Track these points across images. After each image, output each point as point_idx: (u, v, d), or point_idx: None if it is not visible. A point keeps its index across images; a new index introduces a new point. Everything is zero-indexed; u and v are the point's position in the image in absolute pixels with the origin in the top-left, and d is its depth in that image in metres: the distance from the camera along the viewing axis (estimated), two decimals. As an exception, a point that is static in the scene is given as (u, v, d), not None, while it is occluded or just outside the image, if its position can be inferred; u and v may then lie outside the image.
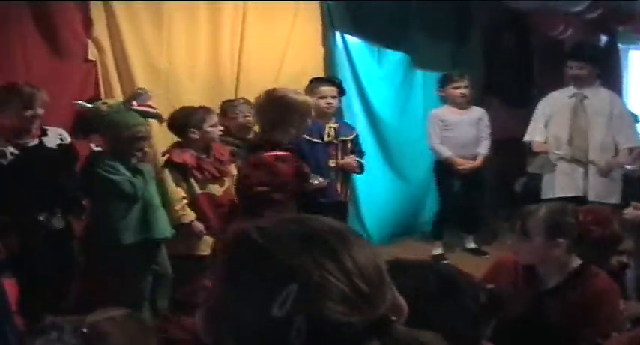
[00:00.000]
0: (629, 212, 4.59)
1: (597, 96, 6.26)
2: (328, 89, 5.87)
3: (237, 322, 1.15)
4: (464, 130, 6.57)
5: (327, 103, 5.82)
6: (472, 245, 6.88)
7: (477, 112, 6.77)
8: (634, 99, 9.67)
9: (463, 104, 6.66)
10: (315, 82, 5.94)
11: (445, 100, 6.68)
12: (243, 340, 1.15)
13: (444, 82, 6.70)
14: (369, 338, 1.10)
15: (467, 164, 6.59)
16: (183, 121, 5.08)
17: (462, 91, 6.60)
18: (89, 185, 4.70)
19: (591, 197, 6.21)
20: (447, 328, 1.70)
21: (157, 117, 4.87)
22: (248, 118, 5.63)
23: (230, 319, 1.16)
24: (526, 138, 6.49)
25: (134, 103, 4.67)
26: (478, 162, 6.66)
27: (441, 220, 6.87)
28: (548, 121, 6.39)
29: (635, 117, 8.77)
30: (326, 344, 1.09)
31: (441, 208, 6.89)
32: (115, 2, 5.40)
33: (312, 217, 1.23)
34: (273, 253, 1.14)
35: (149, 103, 4.76)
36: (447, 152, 6.55)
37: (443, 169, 6.66)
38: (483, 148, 6.72)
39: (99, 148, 4.72)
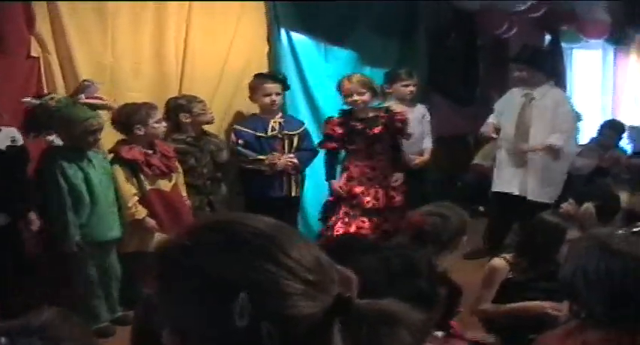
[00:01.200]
0: (564, 207, 4.85)
1: (545, 97, 6.53)
2: (272, 86, 6.03)
3: (206, 340, 1.21)
4: (411, 126, 6.61)
5: (271, 100, 5.97)
6: None
7: (421, 108, 6.97)
8: (578, 97, 9.98)
9: (409, 102, 6.81)
10: (259, 78, 6.09)
11: (390, 97, 6.79)
12: None
13: (391, 79, 6.84)
14: (333, 321, 1.19)
15: (417, 159, 6.74)
16: (127, 118, 5.17)
17: (411, 88, 6.77)
18: (44, 185, 4.79)
19: (529, 195, 6.50)
20: None
21: (107, 108, 4.98)
22: (200, 117, 5.76)
23: (197, 338, 1.22)
24: (481, 129, 6.91)
25: (82, 96, 4.75)
26: (427, 156, 6.85)
27: None
28: (500, 116, 6.76)
29: (578, 116, 9.08)
30: (297, 339, 1.18)
31: None
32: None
33: (234, 221, 1.28)
34: (204, 269, 1.20)
35: (97, 94, 4.85)
36: None
37: None
38: (428, 143, 6.92)
39: (54, 141, 4.82)
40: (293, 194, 6.19)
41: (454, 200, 4.14)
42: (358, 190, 6.08)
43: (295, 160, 6.06)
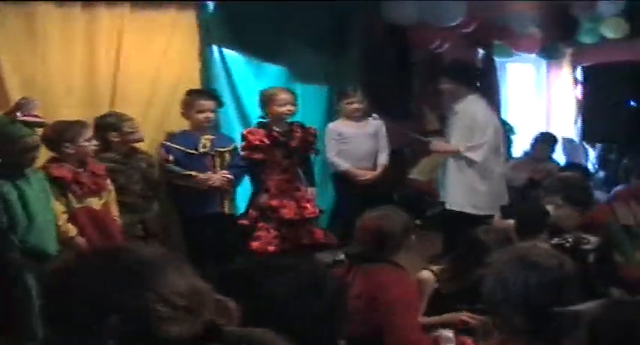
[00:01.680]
0: (494, 222, 4.94)
1: (464, 110, 6.69)
2: (207, 103, 6.08)
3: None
4: (361, 142, 6.84)
5: (205, 117, 6.03)
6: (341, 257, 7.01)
7: (374, 124, 7.02)
8: (512, 111, 10.19)
9: (358, 117, 6.91)
10: (193, 95, 6.12)
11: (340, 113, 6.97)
12: None
13: (338, 96, 7.02)
14: (202, 344, 1.29)
15: (367, 174, 6.85)
16: (57, 136, 5.15)
17: (356, 105, 6.86)
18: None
19: (448, 205, 6.72)
20: (309, 326, 1.90)
21: (43, 125, 4.97)
22: (129, 136, 5.77)
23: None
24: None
25: (18, 114, 4.75)
26: (378, 171, 6.94)
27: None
28: None
29: (511, 129, 9.27)
30: None
31: (339, 218, 7.05)
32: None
33: (121, 248, 1.43)
34: (82, 290, 1.30)
35: (34, 112, 4.85)
36: (344, 164, 6.79)
37: (342, 180, 6.89)
38: (383, 159, 7.00)
39: None
40: (227, 211, 6.24)
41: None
42: (275, 203, 6.21)
43: (230, 176, 6.11)
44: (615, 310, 1.70)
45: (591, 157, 9.59)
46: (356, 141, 6.84)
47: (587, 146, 9.71)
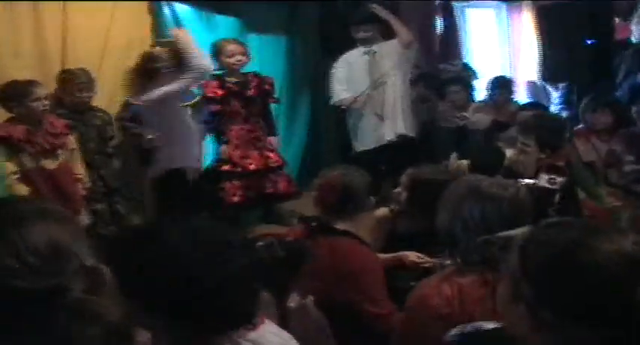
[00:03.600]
0: (450, 163, 4.95)
1: (384, 47, 6.96)
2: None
3: None
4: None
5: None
6: None
7: None
8: (475, 56, 10.20)
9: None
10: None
11: None
12: None
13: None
14: (47, 304, 1.32)
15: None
16: (7, 95, 5.17)
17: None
18: None
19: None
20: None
21: None
22: (89, 95, 5.82)
23: None
24: (334, 100, 7.07)
25: None
26: None
27: None
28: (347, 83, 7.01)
29: (474, 73, 9.29)
30: (13, 310, 1.32)
31: None
32: None
33: (5, 202, 1.51)
34: None
35: None
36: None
37: None
38: None
39: None
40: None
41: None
42: (238, 153, 6.31)
43: None
44: (544, 230, 1.70)
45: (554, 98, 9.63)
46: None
47: (549, 87, 9.75)
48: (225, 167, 6.35)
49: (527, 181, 4.31)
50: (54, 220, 1.42)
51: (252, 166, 6.36)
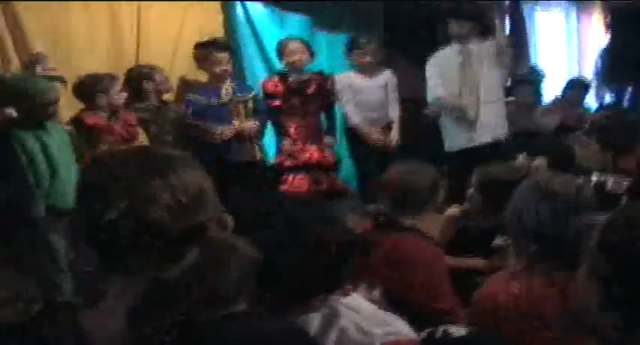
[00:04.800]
0: (518, 161, 4.89)
1: (481, 46, 6.65)
2: (222, 55, 6.13)
3: (87, 224, 1.49)
4: (373, 93, 6.83)
5: (222, 70, 6.13)
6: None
7: (385, 75, 6.98)
8: (543, 59, 10.11)
9: (369, 69, 6.89)
10: (206, 48, 6.18)
11: (352, 64, 6.91)
12: (90, 239, 1.49)
13: (350, 47, 6.91)
14: (187, 241, 1.45)
15: (379, 136, 6.84)
16: (90, 87, 5.28)
17: (368, 58, 6.80)
18: (2, 159, 4.82)
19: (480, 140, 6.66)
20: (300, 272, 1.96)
21: (61, 79, 5.04)
22: (161, 86, 5.95)
23: (82, 221, 1.50)
24: (432, 97, 6.78)
25: (38, 68, 4.82)
26: (394, 134, 6.90)
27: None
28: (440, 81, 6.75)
29: (542, 73, 9.21)
30: (153, 245, 1.43)
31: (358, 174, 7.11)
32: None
33: (155, 147, 1.56)
34: (114, 170, 1.47)
35: (50, 66, 4.92)
36: (355, 118, 6.77)
37: (355, 134, 6.88)
38: (393, 112, 6.95)
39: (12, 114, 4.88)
40: (257, 158, 6.37)
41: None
42: (298, 147, 6.42)
43: (257, 124, 6.29)
44: (623, 211, 1.74)
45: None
46: (366, 92, 6.83)
47: (618, 90, 9.63)
48: (288, 162, 6.45)
49: (594, 178, 4.28)
50: (200, 169, 1.55)
51: (312, 159, 6.47)
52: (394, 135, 6.87)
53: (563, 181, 2.74)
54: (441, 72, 6.71)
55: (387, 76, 6.99)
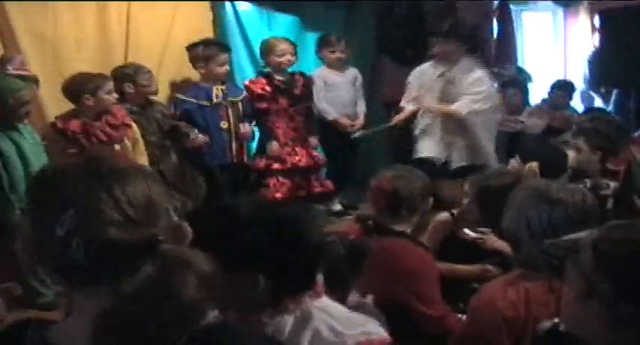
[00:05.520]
0: (511, 164, 4.88)
1: (463, 74, 6.44)
2: (226, 56, 6.22)
3: (35, 244, 1.47)
4: (344, 89, 7.01)
5: (226, 70, 6.22)
6: (338, 208, 7.12)
7: (353, 72, 7.18)
8: (529, 59, 10.15)
9: (339, 65, 7.04)
10: (212, 48, 6.20)
11: (323, 61, 7.06)
12: (41, 255, 1.47)
13: (321, 44, 7.05)
14: (140, 254, 1.41)
15: (354, 123, 6.99)
16: (78, 87, 5.20)
17: (338, 55, 6.97)
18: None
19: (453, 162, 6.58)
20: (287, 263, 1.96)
21: (34, 80, 4.99)
22: (155, 88, 5.94)
23: (30, 241, 1.48)
24: (402, 103, 6.80)
25: (9, 67, 4.76)
26: (361, 120, 7.07)
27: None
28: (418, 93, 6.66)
29: (529, 77, 9.24)
30: (104, 260, 1.40)
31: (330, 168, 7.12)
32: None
33: (100, 159, 1.54)
34: (58, 186, 1.45)
35: (25, 66, 4.86)
36: (333, 113, 6.92)
37: (329, 129, 6.95)
38: (362, 106, 7.17)
39: None
40: (239, 161, 6.38)
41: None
42: (287, 151, 6.45)
43: (251, 128, 6.36)
44: (617, 229, 1.74)
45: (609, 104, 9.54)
46: (339, 88, 7.00)
47: (604, 93, 9.66)
48: (276, 165, 6.44)
49: (588, 184, 4.29)
50: (149, 178, 1.51)
51: (301, 163, 6.50)
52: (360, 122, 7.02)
53: (570, 188, 2.77)
54: (418, 88, 6.64)
55: (354, 72, 7.19)
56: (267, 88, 6.42)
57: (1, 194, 4.71)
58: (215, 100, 6.13)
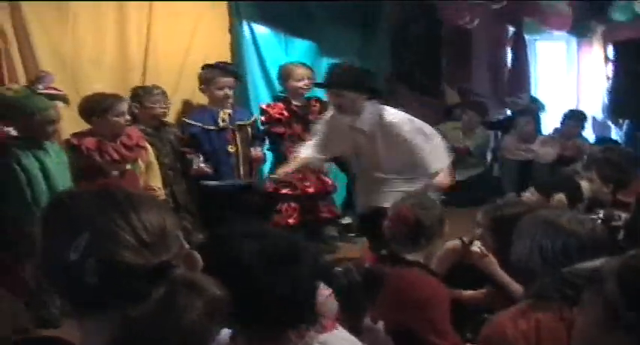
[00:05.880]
0: (526, 196, 4.86)
1: (375, 125, 5.33)
2: (227, 80, 6.19)
3: (47, 266, 1.49)
4: None
5: (225, 94, 6.17)
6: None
7: None
8: (542, 88, 10.17)
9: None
10: (212, 71, 6.21)
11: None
12: (53, 279, 1.49)
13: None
14: (153, 279, 1.42)
15: None
16: (90, 108, 5.25)
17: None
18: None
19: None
20: (284, 295, 1.98)
21: (63, 99, 5.03)
22: (163, 110, 5.94)
23: (42, 263, 1.50)
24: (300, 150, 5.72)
25: (40, 86, 4.81)
26: None
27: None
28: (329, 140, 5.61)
29: (542, 106, 9.26)
30: (118, 284, 1.42)
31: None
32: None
33: (115, 185, 1.60)
34: (73, 211, 1.48)
35: (53, 85, 4.91)
36: None
37: None
38: None
39: (11, 132, 4.85)
40: (250, 184, 6.37)
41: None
42: (298, 177, 6.35)
43: (262, 153, 6.39)
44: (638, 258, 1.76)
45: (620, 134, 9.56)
46: None
47: (616, 123, 9.68)
48: (285, 190, 6.42)
49: (601, 215, 4.29)
50: (163, 207, 1.55)
51: (310, 190, 6.48)
52: None
53: (580, 218, 2.79)
54: (327, 136, 5.59)
55: None
56: (285, 113, 6.44)
57: (24, 207, 4.73)
58: (221, 124, 6.12)
